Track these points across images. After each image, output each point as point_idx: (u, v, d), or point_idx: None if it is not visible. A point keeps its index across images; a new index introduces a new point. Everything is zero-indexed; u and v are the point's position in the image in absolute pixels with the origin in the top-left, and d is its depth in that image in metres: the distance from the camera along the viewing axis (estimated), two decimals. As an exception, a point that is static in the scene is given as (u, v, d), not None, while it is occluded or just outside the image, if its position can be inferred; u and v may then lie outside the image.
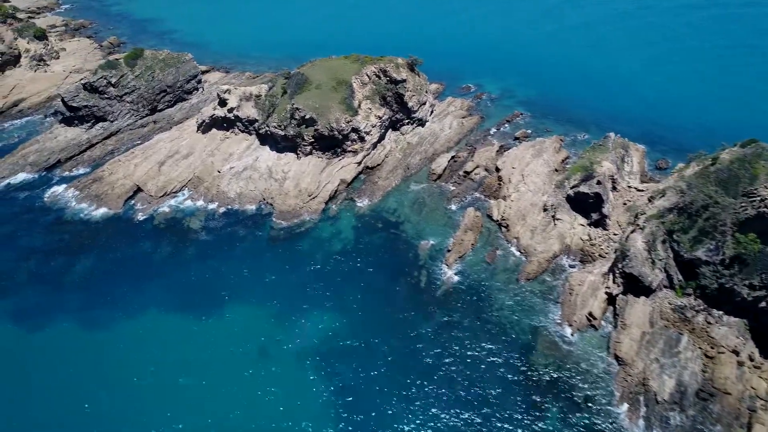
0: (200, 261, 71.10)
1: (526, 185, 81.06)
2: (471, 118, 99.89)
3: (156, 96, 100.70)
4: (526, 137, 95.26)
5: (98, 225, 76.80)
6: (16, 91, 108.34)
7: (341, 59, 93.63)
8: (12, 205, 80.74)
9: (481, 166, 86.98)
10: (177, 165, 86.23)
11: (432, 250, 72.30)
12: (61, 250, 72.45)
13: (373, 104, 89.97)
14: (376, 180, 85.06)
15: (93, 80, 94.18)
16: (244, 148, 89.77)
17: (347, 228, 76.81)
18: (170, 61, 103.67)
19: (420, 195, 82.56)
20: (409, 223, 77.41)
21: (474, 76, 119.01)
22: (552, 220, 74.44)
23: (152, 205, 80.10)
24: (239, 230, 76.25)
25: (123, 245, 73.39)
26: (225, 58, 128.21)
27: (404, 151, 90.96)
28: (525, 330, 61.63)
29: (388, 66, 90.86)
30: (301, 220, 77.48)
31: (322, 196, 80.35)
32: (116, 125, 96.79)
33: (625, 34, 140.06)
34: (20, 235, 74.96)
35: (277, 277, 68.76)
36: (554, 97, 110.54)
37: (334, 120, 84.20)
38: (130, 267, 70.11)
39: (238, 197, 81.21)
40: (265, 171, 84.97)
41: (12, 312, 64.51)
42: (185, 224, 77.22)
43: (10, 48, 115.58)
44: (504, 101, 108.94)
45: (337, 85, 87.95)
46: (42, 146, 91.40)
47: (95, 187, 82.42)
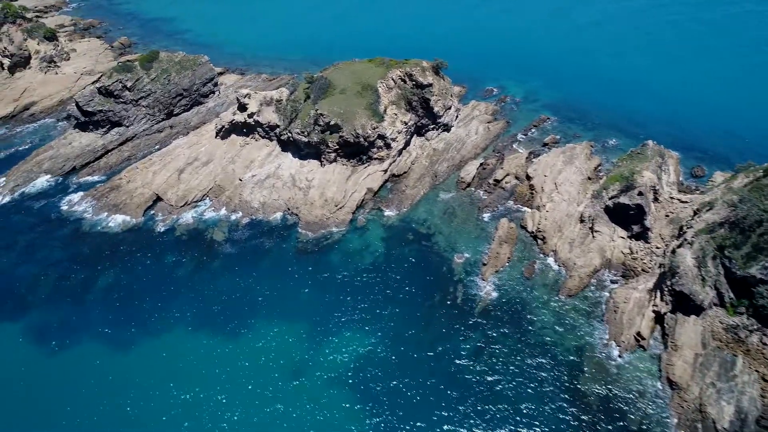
0: (226, 275, 68.33)
1: (560, 194, 78.21)
2: (497, 122, 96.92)
3: (172, 100, 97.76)
4: (555, 143, 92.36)
5: (118, 236, 73.95)
6: (27, 94, 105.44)
7: (365, 62, 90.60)
8: (28, 214, 77.93)
9: (511, 173, 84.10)
10: (197, 173, 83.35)
11: (467, 264, 69.50)
12: (81, 264, 69.64)
13: (398, 109, 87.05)
14: (403, 189, 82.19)
15: (108, 84, 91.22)
16: (265, 154, 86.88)
17: (376, 240, 73.98)
18: (186, 63, 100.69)
19: (450, 204, 79.69)
20: (440, 234, 74.55)
21: (495, 78, 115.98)
22: (590, 232, 71.63)
23: (173, 215, 77.27)
24: (264, 242, 73.40)
25: (145, 258, 70.58)
26: (239, 59, 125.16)
27: (431, 157, 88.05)
28: (570, 349, 58.86)
29: (414, 70, 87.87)
30: (328, 231, 74.62)
31: (349, 206, 77.50)
32: (132, 130, 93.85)
33: (643, 33, 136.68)
34: (38, 247, 72.14)
35: (307, 293, 66.06)
36: (578, 99, 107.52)
37: (360, 126, 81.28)
38: (153, 282, 67.33)
39: (261, 207, 78.35)
40: (289, 179, 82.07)
41: (33, 330, 61.92)
42: (208, 236, 74.35)
43: (20, 49, 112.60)
44: (528, 105, 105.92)
45: (362, 89, 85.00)
46: (56, 152, 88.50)
47: (113, 196, 79.55)
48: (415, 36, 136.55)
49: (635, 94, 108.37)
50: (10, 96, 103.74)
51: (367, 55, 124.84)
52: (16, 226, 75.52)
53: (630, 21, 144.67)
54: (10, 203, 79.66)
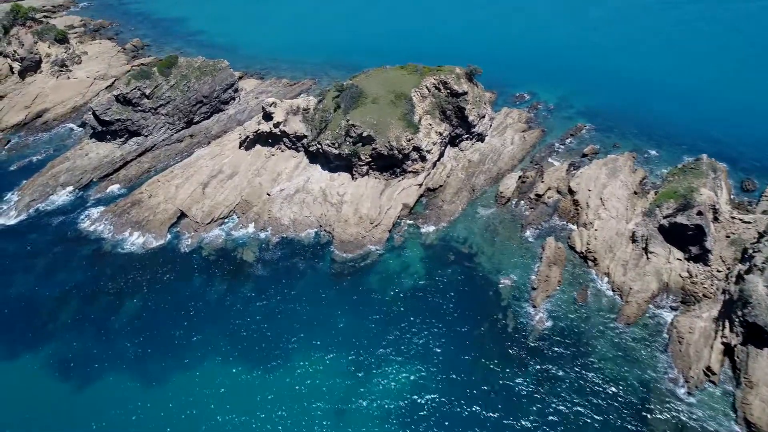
0: (259, 300, 64.18)
1: (607, 211, 73.98)
2: (532, 131, 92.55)
3: (192, 107, 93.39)
4: (594, 154, 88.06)
5: (142, 257, 69.70)
6: (39, 101, 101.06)
7: (397, 69, 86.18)
8: (45, 232, 73.68)
9: (553, 187, 79.79)
10: (222, 187, 79.03)
11: (515, 288, 65.32)
12: (103, 288, 65.47)
13: (433, 119, 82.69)
14: (440, 204, 77.89)
15: (126, 92, 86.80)
16: (293, 167, 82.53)
17: (416, 260, 69.75)
18: (206, 68, 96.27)
19: (490, 221, 75.42)
20: (483, 254, 70.31)
21: (525, 82, 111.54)
22: (644, 253, 67.44)
23: (199, 233, 72.98)
24: (298, 263, 69.16)
25: (172, 281, 66.39)
26: (256, 63, 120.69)
27: (466, 170, 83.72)
28: (634, 385, 54.79)
29: (448, 77, 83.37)
30: (364, 251, 70.42)
31: (385, 223, 73.24)
32: (151, 140, 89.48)
33: (671, 33, 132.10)
34: (57, 269, 68.00)
35: (346, 320, 61.87)
36: (613, 105, 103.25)
37: (394, 138, 76.92)
38: (182, 307, 63.19)
39: (292, 224, 74.07)
40: (319, 194, 77.76)
41: (56, 362, 57.83)
42: (238, 256, 70.12)
43: (31, 53, 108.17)
44: (562, 111, 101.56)
45: (395, 99, 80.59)
46: (73, 164, 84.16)
47: (135, 212, 75.24)
48: (434, 37, 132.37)
49: (670, 99, 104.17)
50: (22, 103, 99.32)
51: (386, 57, 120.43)
52: (34, 246, 71.31)
53: (656, 21, 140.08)
54: (27, 220, 75.45)
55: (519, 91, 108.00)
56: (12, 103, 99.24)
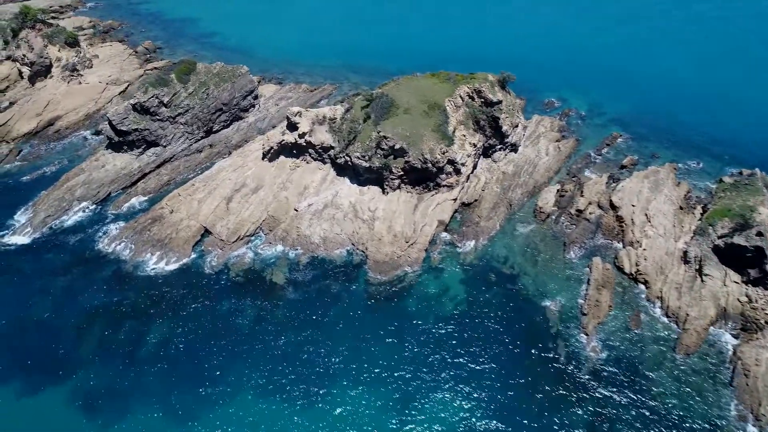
0: (292, 327, 60.51)
1: (654, 228, 70.21)
2: (566, 141, 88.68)
3: (211, 116, 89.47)
4: (633, 165, 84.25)
5: (166, 279, 65.95)
6: (51, 108, 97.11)
7: (428, 77, 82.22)
8: (62, 252, 69.88)
9: (594, 202, 75.92)
10: (247, 201, 75.20)
11: (563, 313, 61.65)
12: (127, 313, 61.71)
13: (467, 130, 78.81)
14: (476, 220, 74.05)
15: (143, 100, 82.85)
16: (320, 180, 78.64)
17: (455, 282, 66.02)
18: (225, 74, 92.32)
19: (531, 239, 71.68)
20: (526, 275, 66.55)
21: (553, 88, 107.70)
22: (697, 275, 63.72)
23: (225, 252, 69.17)
24: (331, 285, 65.42)
25: (199, 306, 62.65)
26: (273, 66, 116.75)
27: (501, 183, 79.85)
28: (698, 423, 51.27)
29: (483, 86, 79.38)
30: (400, 272, 66.74)
31: (421, 241, 69.43)
32: (170, 151, 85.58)
33: (707, 37, 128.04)
34: (77, 293, 64.22)
35: (386, 348, 58.24)
36: (648, 112, 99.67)
37: (428, 150, 73.04)
38: (210, 335, 59.48)
39: (322, 242, 70.26)
40: (349, 209, 73.93)
41: (80, 397, 54.18)
42: (267, 277, 66.40)
43: (41, 57, 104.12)
44: (595, 119, 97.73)
45: (428, 109, 76.67)
46: (89, 177, 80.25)
47: (156, 229, 71.39)
48: (452, 39, 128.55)
49: (706, 105, 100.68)
50: (33, 110, 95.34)
51: (404, 60, 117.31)
52: (51, 267, 67.57)
53: (688, 22, 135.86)
54: (42, 238, 71.63)
55: (548, 96, 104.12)
56: (23, 111, 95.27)
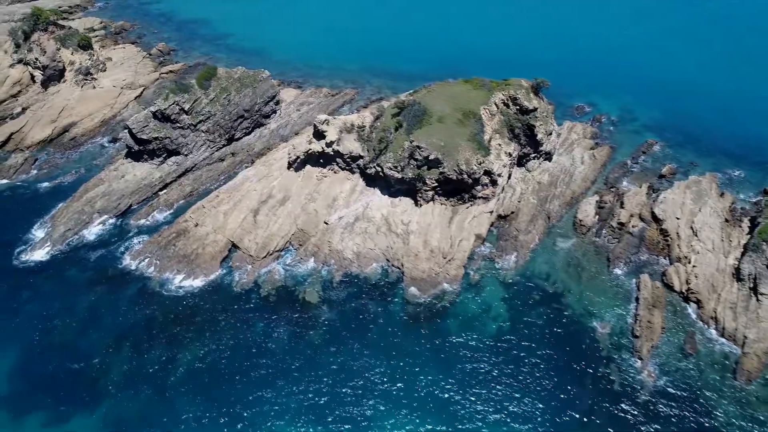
0: (328, 350, 57.66)
1: (702, 243, 67.16)
2: (601, 148, 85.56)
3: (233, 123, 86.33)
4: (673, 174, 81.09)
5: (194, 297, 62.99)
6: (66, 114, 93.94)
7: (461, 84, 79.09)
8: (84, 269, 66.90)
9: (635, 214, 72.84)
10: (274, 214, 72.13)
11: (613, 335, 58.67)
12: (155, 335, 58.77)
13: (502, 139, 75.68)
14: (514, 233, 70.97)
15: (164, 107, 79.67)
16: (349, 190, 75.55)
17: (497, 301, 63.03)
18: (246, 80, 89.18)
19: (572, 254, 68.67)
20: (570, 294, 63.51)
21: (581, 91, 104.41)
22: (752, 294, 60.69)
23: (255, 269, 66.16)
24: (367, 305, 62.47)
25: (230, 327, 59.73)
26: (292, 69, 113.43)
27: (537, 193, 76.75)
28: (768, 457, 47.88)
29: (518, 92, 76.16)
30: (439, 290, 63.73)
31: (459, 257, 66.41)
32: (191, 160, 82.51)
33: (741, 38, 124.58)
34: (102, 313, 61.26)
35: (428, 373, 55.53)
36: (682, 117, 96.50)
37: (464, 161, 69.92)
38: (243, 359, 56.60)
39: (356, 258, 67.25)
40: (382, 222, 70.86)
41: (110, 424, 51.12)
42: (300, 296, 63.41)
43: (54, 60, 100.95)
44: (627, 125, 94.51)
45: (463, 117, 73.54)
46: (109, 188, 77.19)
47: (181, 244, 68.34)
48: (474, 40, 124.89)
49: (742, 109, 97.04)
50: (47, 116, 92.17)
51: (426, 62, 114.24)
52: (73, 285, 64.61)
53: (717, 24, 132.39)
54: (62, 254, 68.65)
55: (576, 101, 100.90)
56: (36, 117, 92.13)
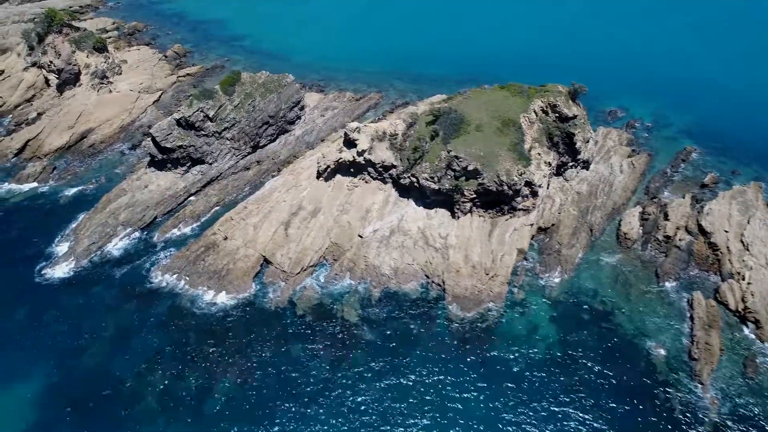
0: (370, 373, 55.08)
1: (754, 258, 64.40)
2: (639, 156, 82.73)
3: (258, 129, 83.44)
4: (715, 183, 78.16)
5: (227, 316, 60.21)
6: (83, 120, 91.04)
7: (498, 90, 76.20)
8: (110, 285, 64.09)
9: (681, 226, 69.95)
10: (306, 227, 69.29)
11: (669, 358, 55.86)
12: (189, 358, 56.05)
13: (541, 148, 72.74)
14: (556, 247, 68.17)
15: (188, 114, 76.80)
16: (382, 201, 72.73)
17: (544, 320, 60.28)
18: (270, 85, 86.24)
19: (619, 269, 65.92)
20: (620, 312, 60.73)
21: (611, 95, 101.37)
22: (813, 314, 57.64)
23: (289, 286, 63.40)
24: (409, 324, 59.70)
25: (267, 349, 57.05)
26: (311, 71, 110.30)
27: (577, 204, 73.90)
28: None
29: (558, 99, 73.24)
30: (483, 308, 60.99)
31: (502, 273, 63.64)
32: (216, 168, 79.62)
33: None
34: (131, 334, 58.50)
35: (476, 398, 53.05)
36: (718, 122, 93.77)
37: (504, 172, 67.07)
38: (283, 383, 54.02)
39: (394, 274, 64.48)
40: (418, 236, 68.05)
41: (146, 458, 47.99)
42: (338, 314, 60.66)
43: (69, 63, 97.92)
44: (663, 131, 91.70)
45: (502, 126, 70.65)
46: (132, 198, 74.29)
47: (211, 259, 65.53)
48: (498, 42, 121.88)
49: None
50: (65, 122, 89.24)
51: (449, 65, 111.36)
52: (100, 303, 61.87)
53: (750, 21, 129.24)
54: (86, 270, 65.92)
55: (608, 105, 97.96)
56: (53, 123, 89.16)
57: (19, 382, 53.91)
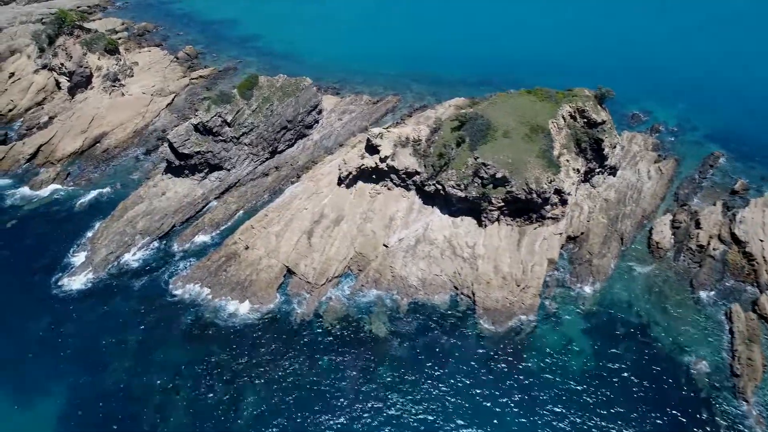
0: (402, 390, 53.53)
1: (792, 268, 62.27)
2: (666, 161, 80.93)
3: (276, 134, 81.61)
4: (746, 190, 76.32)
5: (252, 330, 58.48)
6: (96, 124, 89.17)
7: (523, 95, 74.27)
8: (130, 297, 62.32)
9: (713, 235, 68.13)
10: (330, 236, 67.47)
11: (710, 373, 54.05)
12: (214, 374, 54.34)
13: (569, 155, 70.85)
14: (587, 257, 66.39)
15: (206, 119, 74.92)
16: (405, 209, 70.93)
17: (578, 334, 58.55)
18: (288, 88, 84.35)
19: (652, 280, 64.13)
20: (656, 325, 59.02)
21: (632, 98, 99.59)
22: None
23: (314, 297, 61.61)
24: (439, 338, 58.00)
25: (295, 364, 55.39)
26: (326, 73, 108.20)
27: (606, 212, 72.11)
28: None
29: (586, 104, 71.38)
30: (515, 321, 59.20)
31: (534, 285, 61.85)
32: (234, 174, 77.79)
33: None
34: (154, 348, 56.82)
35: (513, 418, 50.98)
36: (743, 126, 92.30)
37: (534, 180, 65.21)
38: (313, 401, 52.45)
39: (421, 285, 62.69)
40: (445, 245, 66.25)
41: (175, 482, 46.22)
42: (365, 327, 58.98)
43: (81, 66, 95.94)
44: (687, 135, 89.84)
45: (530, 132, 68.76)
46: (150, 206, 72.45)
47: (233, 269, 63.76)
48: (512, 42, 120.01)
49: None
50: (78, 126, 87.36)
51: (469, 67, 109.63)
52: (120, 316, 60.08)
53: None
54: (105, 281, 64.20)
55: (630, 109, 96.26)
56: (66, 127, 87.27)
57: (40, 399, 52.31)
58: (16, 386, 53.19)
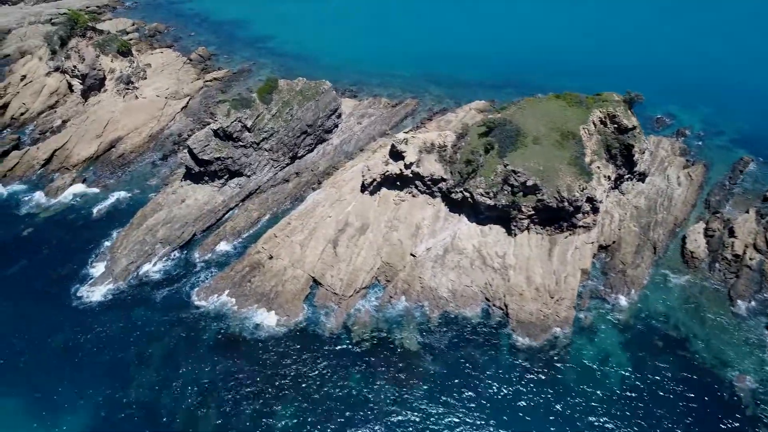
0: (437, 408, 51.96)
1: (832, 279, 60.41)
2: (695, 167, 79.14)
3: (296, 139, 79.84)
4: (779, 197, 74.33)
5: (279, 344, 56.87)
6: (111, 128, 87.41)
7: (553, 100, 72.48)
8: (152, 309, 60.69)
9: (749, 244, 66.30)
10: (355, 245, 65.75)
11: (755, 390, 52.20)
12: (244, 392, 52.72)
13: (600, 161, 69.02)
14: (619, 266, 64.67)
15: (226, 125, 73.18)
16: (432, 217, 69.18)
17: (615, 348, 56.89)
18: (308, 92, 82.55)
19: (688, 291, 62.43)
20: (696, 339, 57.27)
21: (655, 101, 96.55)
22: None
23: (342, 309, 59.91)
24: (472, 352, 56.33)
25: (326, 380, 53.73)
26: (341, 75, 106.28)
27: (637, 220, 70.38)
28: None
29: (617, 110, 69.56)
30: (550, 335, 57.55)
31: (568, 296, 60.13)
32: (254, 181, 76.06)
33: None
34: (179, 363, 55.16)
35: (555, 436, 48.86)
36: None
37: (565, 187, 63.42)
38: (347, 420, 50.67)
39: (452, 297, 60.97)
40: (475, 255, 64.50)
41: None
42: (395, 341, 57.25)
43: (94, 68, 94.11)
44: (714, 139, 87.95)
45: (561, 138, 66.95)
46: (169, 214, 70.71)
47: (258, 280, 62.10)
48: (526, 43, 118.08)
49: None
50: (92, 131, 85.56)
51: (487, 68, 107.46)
52: (143, 328, 58.44)
53: None
54: (126, 292, 62.48)
55: (654, 112, 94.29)
56: (80, 132, 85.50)
57: (63, 415, 50.66)
58: (37, 401, 51.66)
